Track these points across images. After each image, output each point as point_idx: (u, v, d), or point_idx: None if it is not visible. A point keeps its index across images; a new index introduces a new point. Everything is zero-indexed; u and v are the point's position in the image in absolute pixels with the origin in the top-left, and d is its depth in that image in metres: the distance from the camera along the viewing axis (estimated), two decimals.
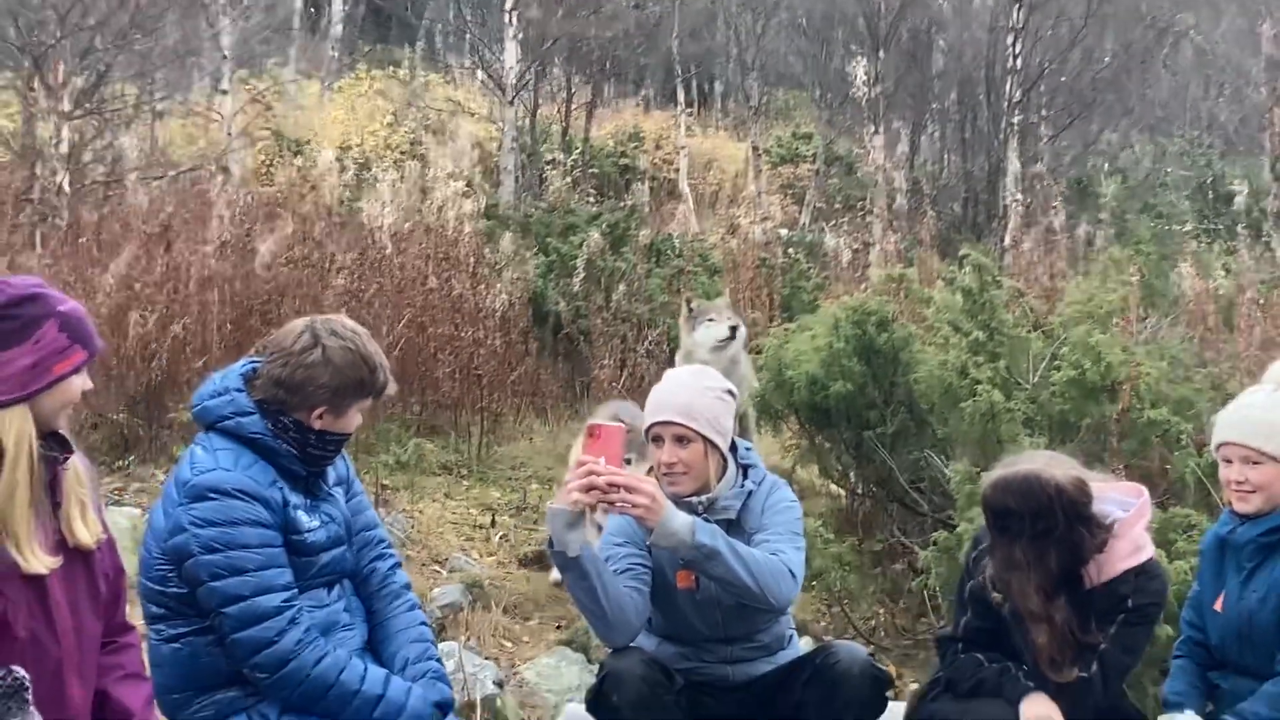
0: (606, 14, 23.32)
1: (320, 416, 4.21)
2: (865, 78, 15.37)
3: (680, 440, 4.65)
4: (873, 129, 19.92)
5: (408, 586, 4.57)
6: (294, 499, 4.21)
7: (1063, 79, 21.68)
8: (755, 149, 25.24)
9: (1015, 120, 19.79)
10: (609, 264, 13.19)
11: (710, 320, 9.73)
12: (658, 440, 4.69)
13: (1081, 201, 19.47)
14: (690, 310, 9.91)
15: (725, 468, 4.75)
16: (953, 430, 7.69)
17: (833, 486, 9.57)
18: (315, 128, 25.31)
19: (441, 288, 10.68)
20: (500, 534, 8.75)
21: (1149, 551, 4.53)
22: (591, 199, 20.79)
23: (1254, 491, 4.62)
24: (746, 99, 25.94)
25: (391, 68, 31.29)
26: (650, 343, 11.68)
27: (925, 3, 24.21)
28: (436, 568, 8.01)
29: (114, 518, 7.46)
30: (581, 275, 12.16)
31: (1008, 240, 16.25)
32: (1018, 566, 4.37)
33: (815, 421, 8.91)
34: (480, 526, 8.84)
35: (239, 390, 4.24)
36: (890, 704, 4.71)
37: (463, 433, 10.43)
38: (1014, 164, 18.74)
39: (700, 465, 4.67)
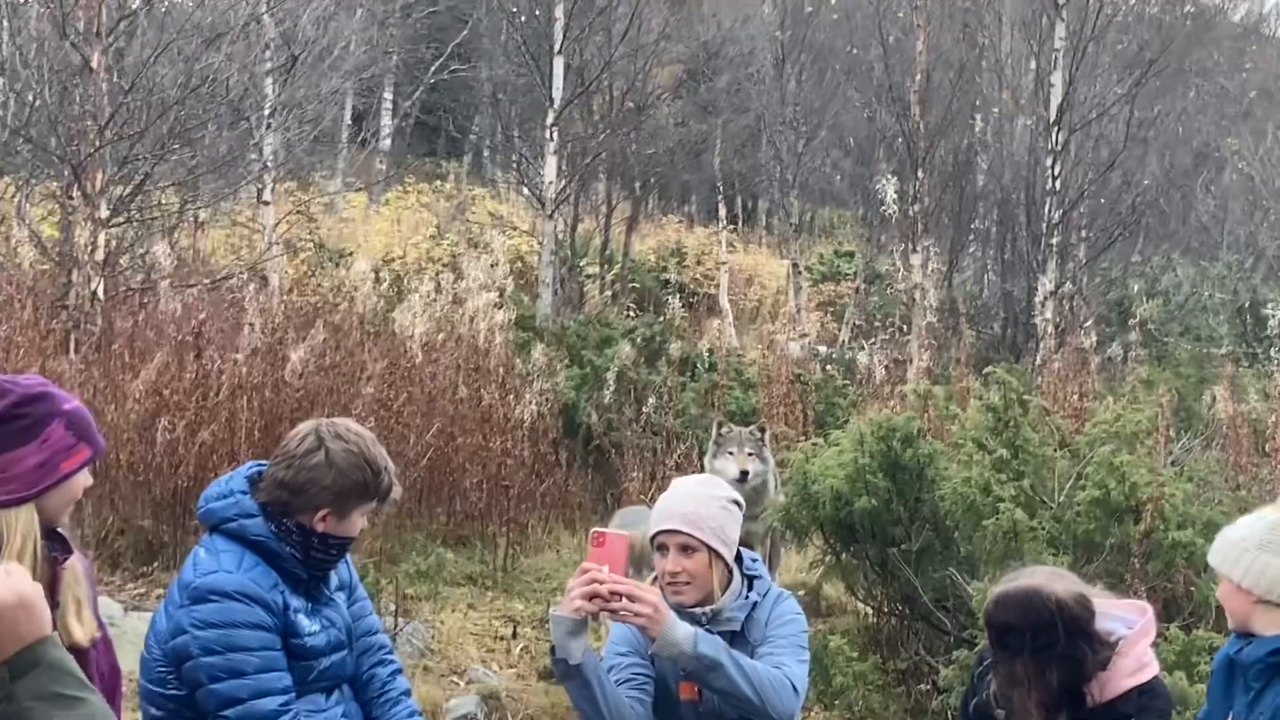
0: (648, 131, 23.56)
1: (324, 519, 4.23)
2: (895, 196, 15.43)
3: (685, 550, 4.64)
4: (910, 247, 19.99)
5: (407, 693, 4.58)
6: (295, 602, 4.22)
7: (1102, 201, 21.77)
8: (795, 266, 25.37)
9: (1054, 241, 19.81)
10: (642, 376, 13.24)
11: (729, 454, 9.74)
12: (662, 549, 4.68)
13: (1121, 323, 19.45)
14: (719, 433, 9.92)
15: (730, 578, 4.73)
16: (976, 548, 7.65)
17: (859, 604, 9.52)
18: (359, 239, 25.62)
19: (471, 398, 10.73)
20: (521, 645, 8.72)
21: (1153, 670, 4.48)
22: (631, 313, 20.92)
23: (1226, 609, 4.60)
24: (788, 216, 26.09)
25: (438, 181, 31.69)
26: (680, 455, 11.67)
27: (965, 125, 24.40)
28: (455, 678, 7.97)
29: (134, 623, 7.50)
30: (612, 387, 12.21)
31: (1039, 360, 16.22)
32: (1019, 683, 4.33)
33: (840, 537, 8.87)
34: (501, 638, 8.80)
35: (243, 492, 4.27)
36: None
37: (489, 543, 10.44)
38: (1045, 284, 18.73)
39: (704, 575, 4.66)
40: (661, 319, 18.97)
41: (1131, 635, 4.47)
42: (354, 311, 10.88)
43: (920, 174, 20.17)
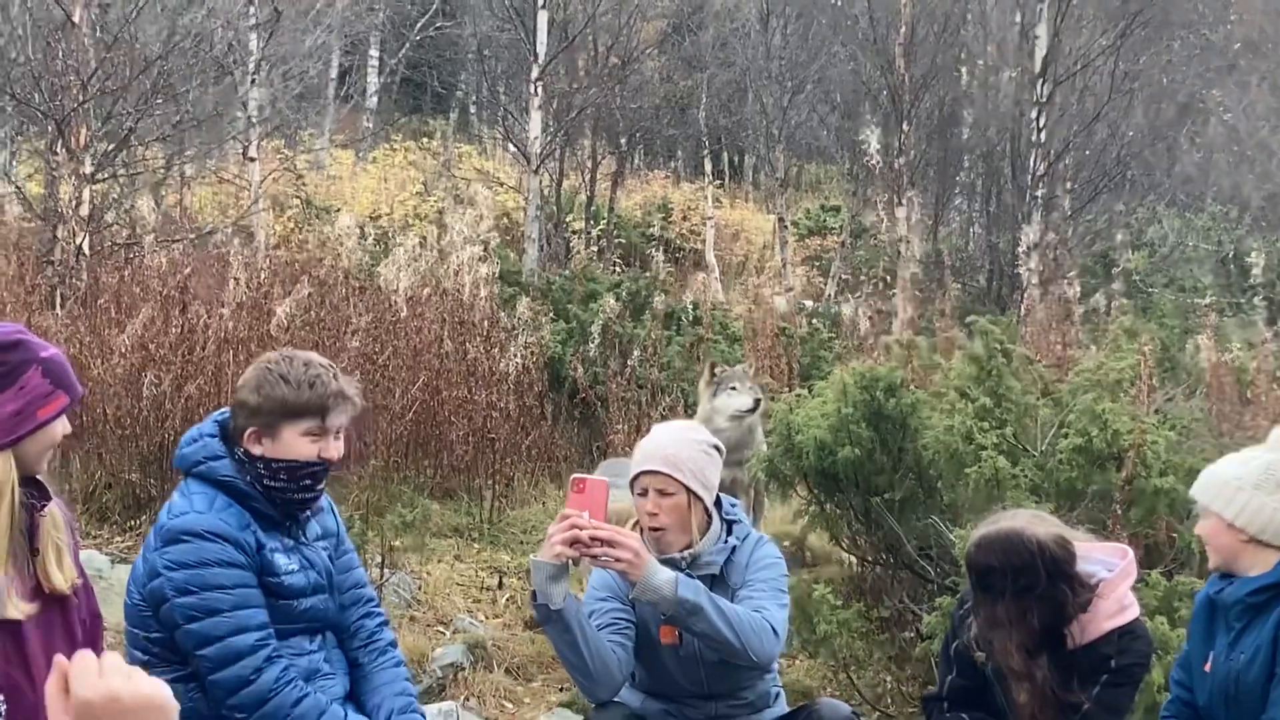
0: (633, 85, 23.49)
1: (255, 439, 4.25)
2: (878, 148, 15.41)
3: (664, 492, 4.67)
4: (896, 200, 19.99)
5: (394, 644, 4.61)
6: (270, 542, 4.26)
7: (1087, 153, 21.74)
8: (781, 220, 25.35)
9: (1039, 194, 19.81)
10: (626, 330, 13.25)
11: (733, 389, 9.76)
12: (643, 491, 4.70)
13: (1106, 274, 19.48)
14: (714, 375, 9.93)
15: (709, 522, 4.76)
16: (958, 496, 7.68)
17: (843, 553, 9.55)
18: (345, 196, 25.56)
19: (456, 351, 10.74)
20: (507, 596, 8.75)
21: (1134, 612, 4.52)
22: (617, 268, 20.90)
23: (1208, 545, 4.63)
24: (773, 170, 26.05)
25: (425, 139, 31.60)
26: (664, 408, 11.69)
27: (951, 78, 24.36)
28: (441, 628, 8.00)
29: (121, 575, 7.51)
30: (597, 341, 12.22)
31: (1023, 310, 16.25)
32: (1000, 624, 4.36)
33: (824, 487, 8.89)
34: (488, 589, 8.84)
35: (211, 435, 4.32)
36: None
37: (475, 496, 10.45)
38: (1029, 234, 18.75)
39: (683, 517, 4.69)
40: (647, 274, 18.97)
41: (1112, 578, 4.50)
42: (339, 266, 10.85)
43: (905, 127, 20.14)
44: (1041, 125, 19.97)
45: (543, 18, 18.36)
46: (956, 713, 4.62)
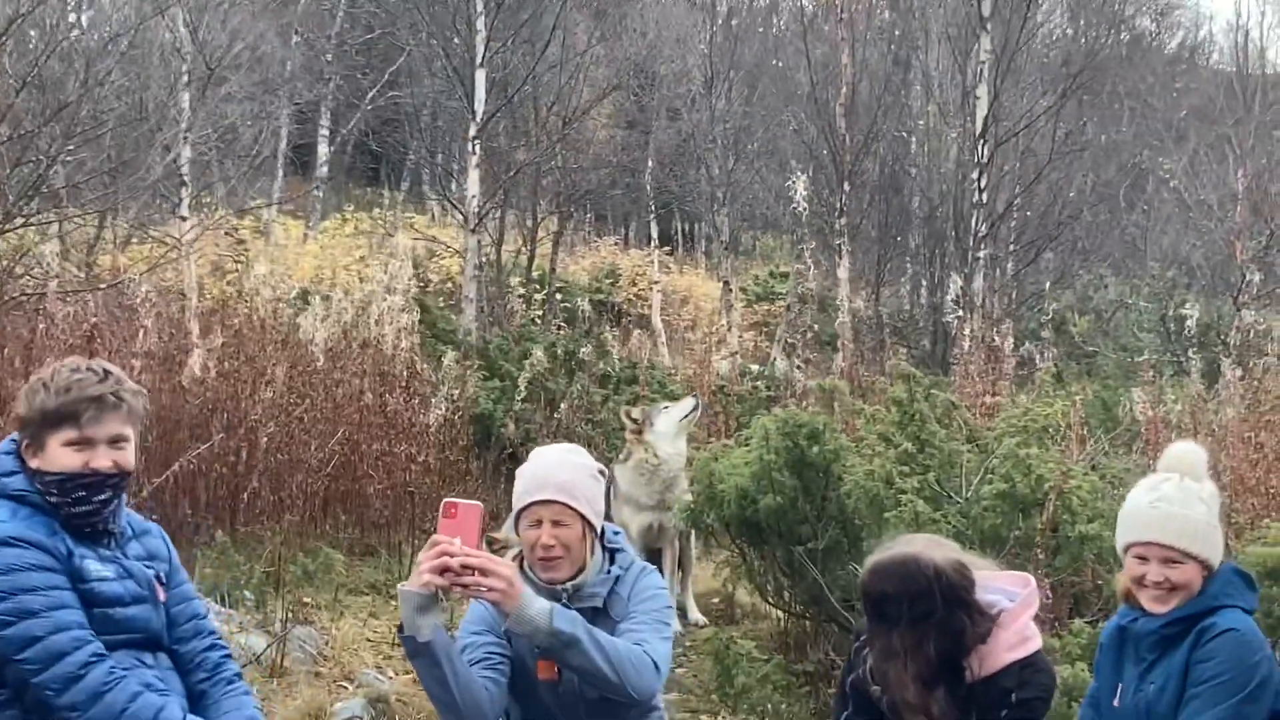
0: (576, 146, 23.37)
1: (28, 450, 4.10)
2: (805, 193, 15.31)
3: (559, 523, 4.42)
4: (837, 259, 19.88)
5: (239, 675, 4.35)
6: (82, 550, 4.04)
7: (1029, 214, 21.74)
8: (726, 284, 25.21)
9: (981, 255, 19.74)
10: (559, 386, 13.04)
11: (665, 409, 9.67)
12: (535, 522, 4.45)
13: (1048, 335, 19.38)
14: (634, 420, 9.81)
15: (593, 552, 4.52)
16: (880, 544, 7.46)
17: (771, 609, 9.32)
18: (289, 263, 25.29)
19: (377, 404, 10.49)
20: None
21: (1036, 644, 4.29)
22: (560, 330, 20.68)
23: (1173, 590, 4.41)
24: (718, 234, 25.95)
25: (377, 210, 31.44)
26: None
27: (893, 138, 24.34)
28: (345, 684, 7.72)
29: None
30: (523, 394, 11.99)
31: (951, 359, 16.09)
32: (895, 655, 4.13)
33: (747, 537, 8.68)
34: (399, 645, 8.53)
35: (7, 452, 4.14)
36: None
37: (395, 552, 10.16)
38: (958, 281, 18.63)
39: (578, 548, 4.45)
40: (587, 334, 18.77)
41: (1013, 608, 4.28)
42: (256, 316, 10.60)
43: (846, 187, 20.07)
44: (983, 186, 19.91)
45: (480, 75, 18.22)
46: None
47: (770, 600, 9.04)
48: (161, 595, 4.21)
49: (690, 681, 8.81)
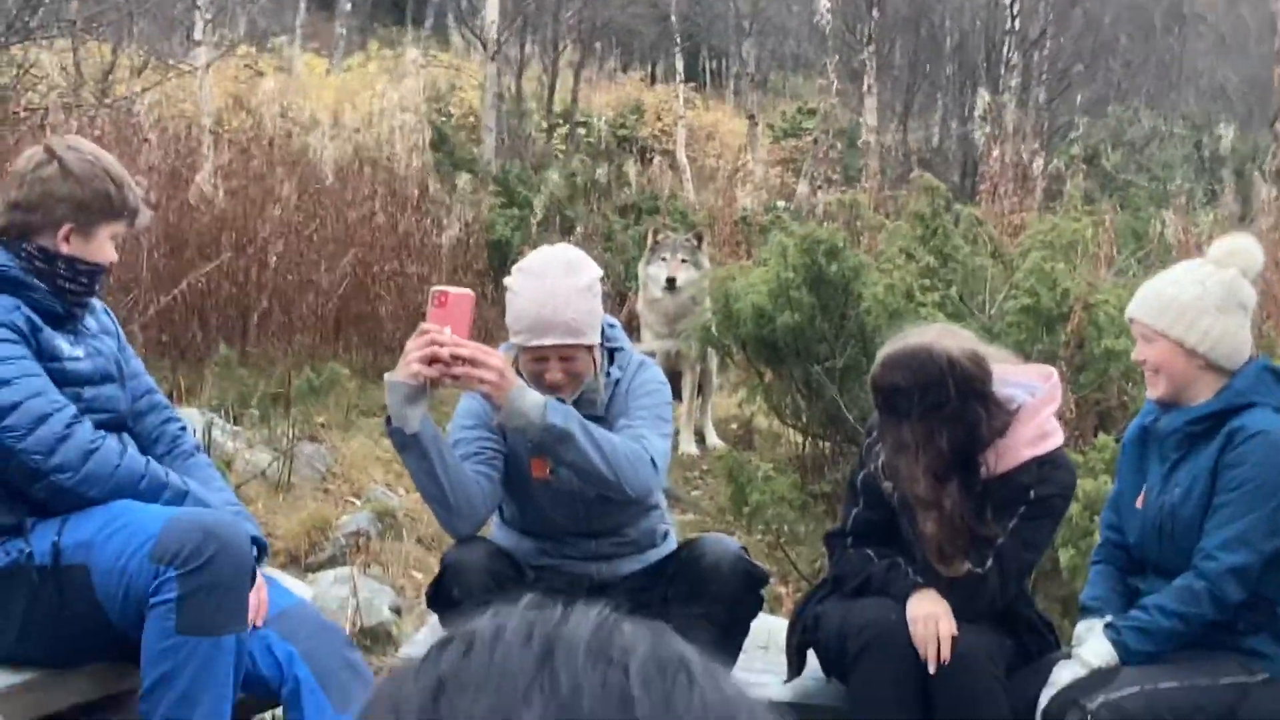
0: None
1: (67, 238, 3.83)
2: (828, 4, 14.89)
3: (567, 358, 4.14)
4: (865, 90, 19.46)
5: (199, 447, 4.24)
6: (48, 329, 3.86)
7: (1062, 41, 21.21)
8: (752, 118, 24.80)
9: (1013, 84, 19.29)
10: (576, 213, 12.82)
11: (662, 260, 9.38)
12: (541, 359, 4.14)
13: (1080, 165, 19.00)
14: (655, 239, 9.60)
15: None
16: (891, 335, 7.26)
17: (789, 433, 9.14)
18: (309, 95, 24.93)
19: (389, 224, 10.26)
20: None
21: (1057, 440, 4.09)
22: (582, 163, 20.38)
23: (1156, 372, 4.16)
24: (744, 66, 25.46)
25: (400, 47, 30.97)
26: (612, 292, 11.26)
27: None
28: (353, 499, 7.59)
29: None
30: (539, 217, 11.76)
31: (976, 177, 15.73)
32: (906, 448, 3.93)
33: (763, 356, 8.47)
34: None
35: None
36: (768, 616, 4.30)
37: None
38: (984, 96, 18.18)
39: (585, 370, 4.19)
40: (613, 164, 18.47)
41: (1033, 402, 4.07)
42: (263, 136, 10.34)
43: (875, 14, 19.57)
44: (1015, 12, 19.40)
45: None
46: (861, 548, 4.19)
47: (788, 422, 8.85)
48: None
49: (707, 504, 8.68)
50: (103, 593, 3.74)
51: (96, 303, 4.13)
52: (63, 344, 3.86)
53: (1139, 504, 4.23)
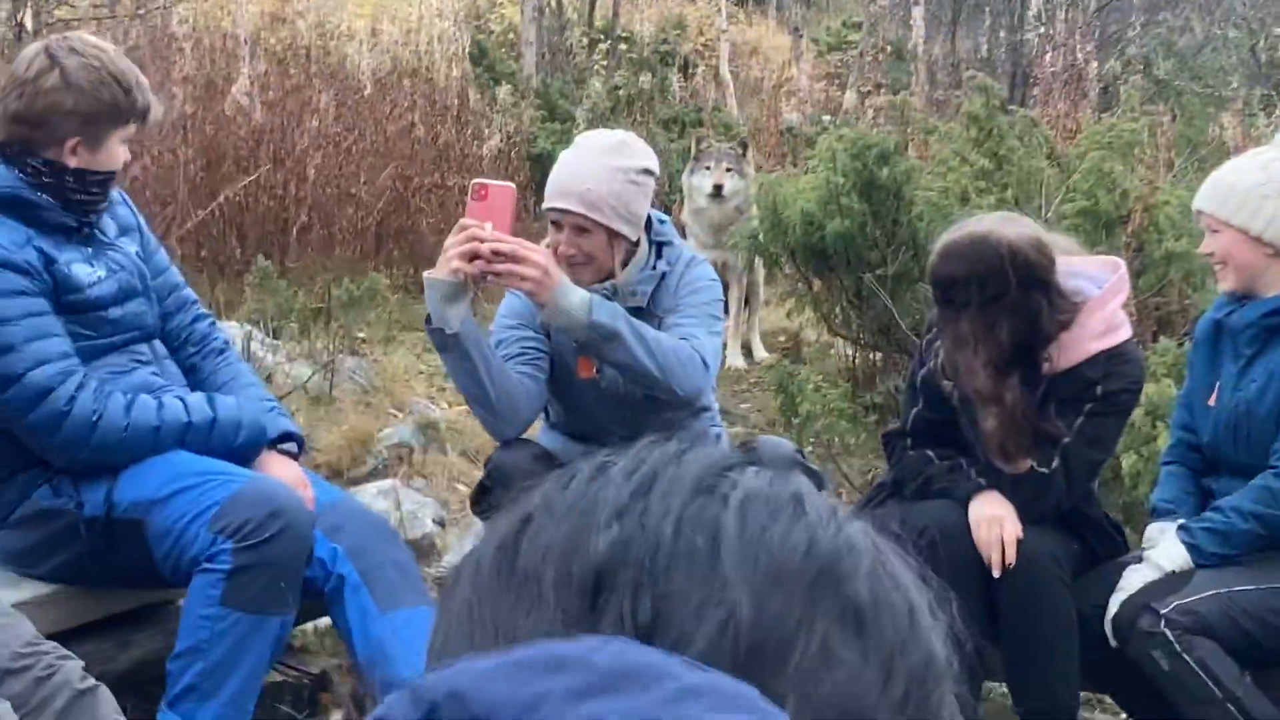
0: None
1: (74, 150, 3.64)
2: None
3: (580, 230, 4.02)
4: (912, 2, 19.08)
5: (229, 344, 4.11)
6: (65, 254, 3.66)
7: None
8: (797, 31, 24.47)
9: None
10: (620, 125, 12.59)
11: (706, 169, 9.19)
12: (556, 224, 4.07)
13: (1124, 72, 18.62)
14: (698, 148, 9.42)
15: (635, 250, 4.12)
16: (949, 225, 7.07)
17: (839, 345, 8.97)
18: (349, 8, 24.67)
19: (429, 136, 10.07)
20: None
21: (1125, 333, 3.91)
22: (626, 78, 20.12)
23: (1224, 264, 3.98)
24: None
25: None
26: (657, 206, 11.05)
27: None
28: (395, 412, 7.45)
29: None
30: (581, 127, 11.54)
31: (1030, 78, 15.40)
32: (965, 341, 3.75)
33: (812, 264, 8.28)
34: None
35: None
36: None
37: None
38: None
39: (603, 256, 4.04)
40: (654, 79, 18.20)
41: (1100, 294, 3.89)
42: (298, 44, 10.15)
43: None
44: None
45: None
46: (921, 448, 4.02)
47: (837, 332, 8.67)
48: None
49: (756, 418, 8.52)
50: (157, 550, 3.62)
51: (114, 194, 3.94)
52: (81, 269, 3.68)
53: (1211, 402, 4.05)
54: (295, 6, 11.23)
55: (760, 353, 9.64)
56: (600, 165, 4.05)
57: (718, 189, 8.98)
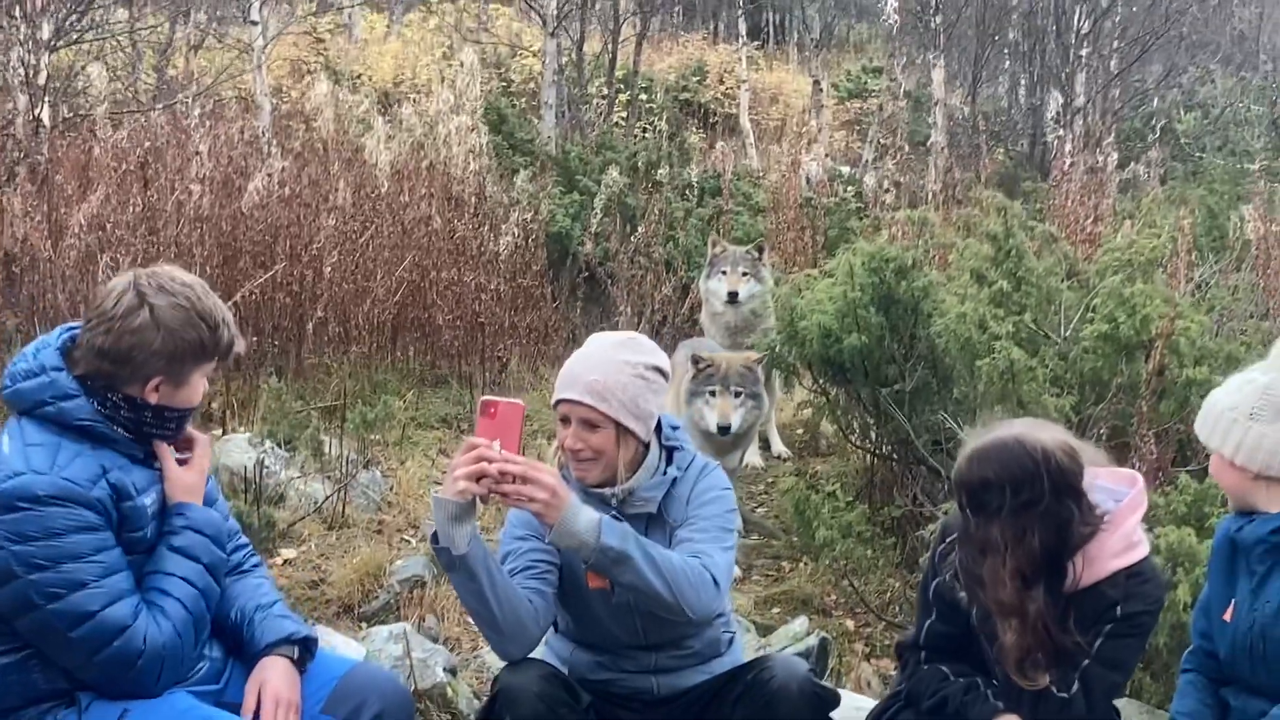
0: None
1: (157, 389, 3.61)
2: (896, 3, 14.53)
3: (588, 424, 3.98)
4: (931, 59, 19.04)
5: (259, 565, 4.09)
6: (130, 480, 3.63)
7: (1134, 9, 20.66)
8: (816, 83, 24.42)
9: (1083, 53, 18.81)
10: (638, 202, 12.56)
11: (722, 274, 9.20)
12: (564, 419, 4.03)
13: (1150, 139, 18.57)
14: (714, 252, 9.39)
15: (645, 453, 4.07)
16: (970, 390, 7.01)
17: (854, 448, 8.90)
18: (370, 63, 24.71)
19: (445, 229, 10.05)
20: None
21: (1143, 550, 3.84)
22: (644, 134, 20.08)
23: (1219, 485, 3.97)
24: (806, 28, 25.05)
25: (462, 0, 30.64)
26: (674, 288, 11.00)
27: None
28: (410, 532, 7.41)
29: None
30: (599, 215, 11.50)
31: (1051, 182, 15.39)
32: (994, 548, 3.68)
33: (830, 377, 8.22)
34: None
35: (57, 369, 3.63)
36: None
37: (466, 383, 9.80)
38: (1057, 99, 17.74)
39: (610, 453, 4.00)
40: (675, 139, 18.20)
41: (1121, 509, 3.82)
42: (317, 138, 10.13)
43: None
44: None
45: None
46: (935, 664, 3.96)
47: (854, 442, 8.61)
48: None
49: (771, 524, 8.47)
50: None
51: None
52: (145, 501, 3.67)
53: (1227, 617, 3.99)
54: (312, 99, 11.21)
55: (779, 447, 9.59)
56: (609, 359, 4.03)
57: (733, 295, 9.00)
